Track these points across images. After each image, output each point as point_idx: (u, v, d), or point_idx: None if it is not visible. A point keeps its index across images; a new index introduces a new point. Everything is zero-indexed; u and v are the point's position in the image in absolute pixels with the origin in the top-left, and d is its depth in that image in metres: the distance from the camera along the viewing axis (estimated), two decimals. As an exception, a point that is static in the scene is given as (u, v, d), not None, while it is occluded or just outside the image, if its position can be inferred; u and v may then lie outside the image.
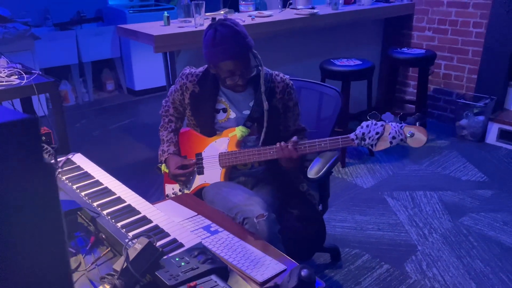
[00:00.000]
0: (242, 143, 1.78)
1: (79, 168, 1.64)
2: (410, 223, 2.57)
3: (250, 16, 3.05)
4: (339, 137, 1.53)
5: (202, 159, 1.82)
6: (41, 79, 1.80)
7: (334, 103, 1.93)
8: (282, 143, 1.63)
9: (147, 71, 4.95)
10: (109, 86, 5.24)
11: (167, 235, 1.24)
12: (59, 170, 1.60)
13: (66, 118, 1.90)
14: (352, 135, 1.51)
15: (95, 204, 1.38)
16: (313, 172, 1.73)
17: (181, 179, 1.82)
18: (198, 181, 1.83)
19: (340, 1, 3.58)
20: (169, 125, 1.92)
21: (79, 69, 4.90)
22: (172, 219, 1.37)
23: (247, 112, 1.76)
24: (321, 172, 1.73)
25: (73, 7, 5.06)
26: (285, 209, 1.77)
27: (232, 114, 1.77)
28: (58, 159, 1.67)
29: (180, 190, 1.88)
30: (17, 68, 1.83)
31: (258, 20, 2.94)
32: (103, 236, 1.25)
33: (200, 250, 1.16)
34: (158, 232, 1.25)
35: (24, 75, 1.79)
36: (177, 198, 1.67)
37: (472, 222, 2.57)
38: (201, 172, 1.82)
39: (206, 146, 1.81)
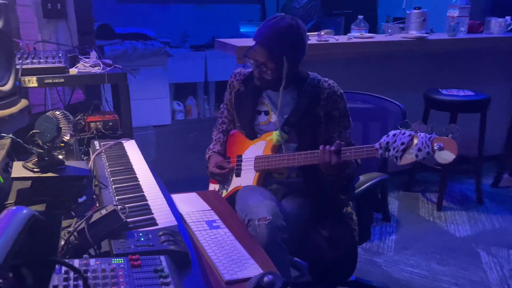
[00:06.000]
0: (280, 149, 1.70)
1: (123, 150, 1.76)
2: (500, 285, 2.09)
3: (350, 37, 2.95)
4: (364, 146, 1.35)
5: (241, 161, 1.79)
6: (115, 71, 2.00)
7: (394, 120, 1.72)
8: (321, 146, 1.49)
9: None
10: (230, 105, 5.57)
11: (149, 213, 1.23)
12: (104, 149, 1.74)
13: (184, 128, 2.02)
14: (376, 145, 1.32)
15: (111, 178, 1.46)
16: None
17: (218, 178, 1.81)
18: (235, 183, 1.79)
19: (462, 29, 3.22)
20: (221, 126, 1.95)
21: (204, 87, 5.34)
22: (182, 208, 1.39)
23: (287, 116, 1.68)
24: (358, 189, 1.53)
25: (209, 33, 5.58)
26: (314, 228, 1.62)
27: (273, 118, 1.71)
28: (112, 142, 1.83)
29: (219, 190, 1.87)
30: (101, 61, 2.07)
31: (354, 40, 2.82)
32: (97, 205, 1.30)
33: (168, 231, 1.12)
34: (143, 209, 1.25)
35: (105, 66, 2.02)
36: (202, 194, 1.66)
37: None
38: (238, 174, 1.78)
39: (246, 148, 1.78)
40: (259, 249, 1.29)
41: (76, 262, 0.95)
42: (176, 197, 1.61)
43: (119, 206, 1.18)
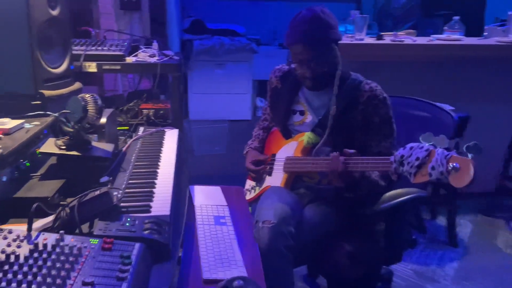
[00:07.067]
0: (312, 151, 1.60)
1: (161, 138, 1.81)
2: None
3: (432, 38, 2.68)
4: (381, 157, 1.20)
5: (274, 160, 1.73)
6: (169, 62, 2.07)
7: (443, 131, 1.51)
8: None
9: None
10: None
11: (149, 200, 1.23)
12: (144, 135, 1.80)
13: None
14: (391, 158, 1.16)
15: (135, 163, 1.50)
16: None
17: (252, 175, 1.78)
18: (266, 182, 1.74)
19: None
20: (263, 122, 1.91)
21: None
22: (198, 200, 1.41)
23: (322, 117, 1.58)
24: (385, 204, 1.38)
25: (299, 31, 5.52)
26: (337, 241, 1.49)
27: (309, 118, 1.62)
28: (153, 129, 1.89)
29: (252, 188, 1.83)
30: (159, 52, 2.15)
31: (433, 42, 2.56)
32: (109, 186, 1.34)
33: (156, 220, 1.11)
34: (145, 195, 1.26)
35: (163, 57, 2.10)
36: (225, 189, 1.63)
37: None
38: (270, 173, 1.73)
39: (281, 147, 1.72)
40: (256, 253, 1.22)
41: (52, 237, 1.00)
42: (198, 189, 1.61)
43: (118, 190, 1.21)
